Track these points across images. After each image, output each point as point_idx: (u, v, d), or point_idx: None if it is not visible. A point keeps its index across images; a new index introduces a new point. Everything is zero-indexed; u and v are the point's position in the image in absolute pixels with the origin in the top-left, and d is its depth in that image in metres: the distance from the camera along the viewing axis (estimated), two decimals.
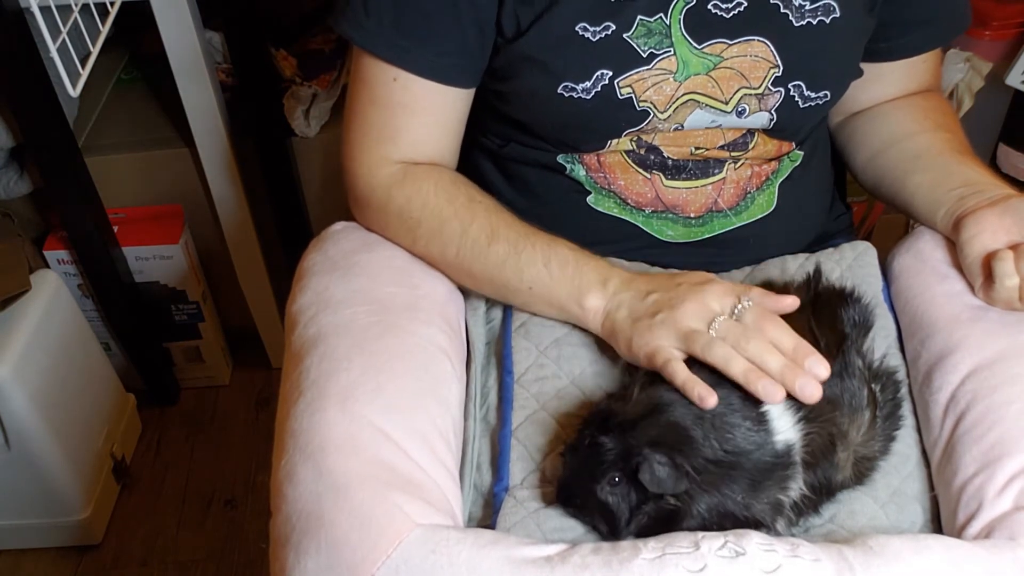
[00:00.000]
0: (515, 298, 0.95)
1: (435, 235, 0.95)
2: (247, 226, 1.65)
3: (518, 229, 0.94)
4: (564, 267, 0.91)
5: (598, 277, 0.91)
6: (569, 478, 0.78)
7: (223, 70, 1.58)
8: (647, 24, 0.91)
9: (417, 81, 0.94)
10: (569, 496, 0.79)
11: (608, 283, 0.90)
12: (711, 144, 0.98)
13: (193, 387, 1.85)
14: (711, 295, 0.84)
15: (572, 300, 0.91)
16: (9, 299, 1.44)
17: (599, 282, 0.91)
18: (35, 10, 1.15)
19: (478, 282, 0.96)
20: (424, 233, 0.96)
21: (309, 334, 0.89)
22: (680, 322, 0.83)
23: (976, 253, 0.91)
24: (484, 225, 0.94)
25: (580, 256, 0.92)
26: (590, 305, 0.90)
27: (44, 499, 1.51)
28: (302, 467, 0.77)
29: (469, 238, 0.94)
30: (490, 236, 0.93)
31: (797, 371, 0.78)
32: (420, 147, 0.98)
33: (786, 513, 0.78)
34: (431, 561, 0.71)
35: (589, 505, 0.77)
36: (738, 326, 0.82)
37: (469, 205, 0.95)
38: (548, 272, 0.92)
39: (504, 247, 0.93)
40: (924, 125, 1.04)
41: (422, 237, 0.96)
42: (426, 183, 0.96)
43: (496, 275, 0.94)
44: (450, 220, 0.94)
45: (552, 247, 0.92)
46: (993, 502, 0.77)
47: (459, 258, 0.95)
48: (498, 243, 0.93)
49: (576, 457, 0.78)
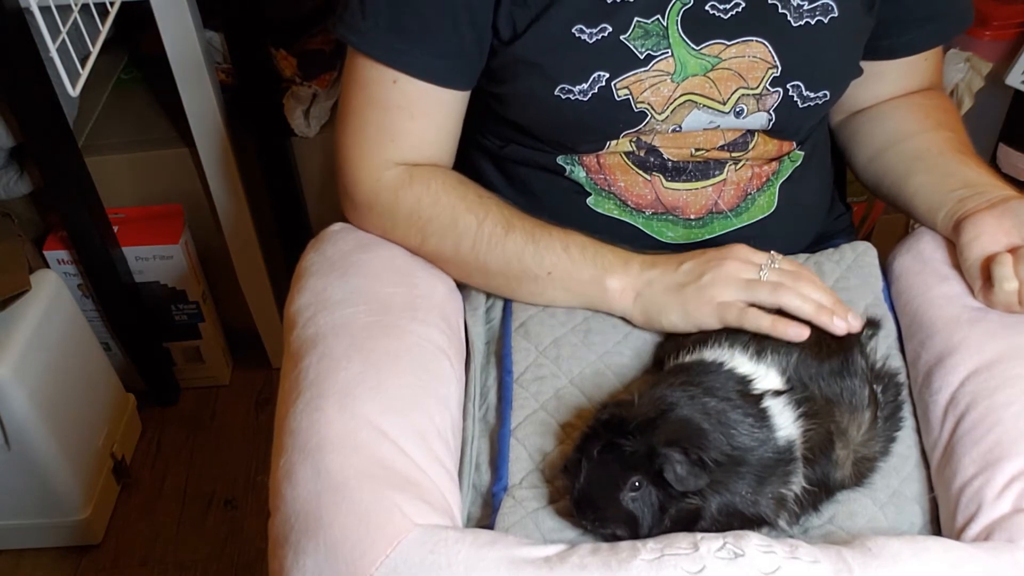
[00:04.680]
0: (530, 286, 0.95)
1: (448, 231, 0.95)
2: (247, 226, 1.65)
3: (531, 220, 0.96)
4: (584, 251, 0.93)
5: (618, 259, 0.93)
6: (587, 488, 0.76)
7: (223, 70, 1.58)
8: (644, 26, 0.91)
9: (415, 83, 0.94)
10: (588, 507, 0.76)
11: (630, 264, 0.92)
12: (711, 145, 0.98)
13: (193, 387, 1.85)
14: (744, 251, 0.90)
15: (594, 282, 0.93)
16: (9, 299, 1.44)
17: (621, 263, 0.93)
18: (35, 10, 1.16)
19: (490, 275, 0.97)
20: (436, 230, 0.96)
21: (308, 334, 0.89)
22: (735, 275, 0.87)
23: (975, 256, 0.91)
24: (499, 218, 0.95)
25: (597, 242, 0.94)
26: (613, 286, 0.92)
27: (44, 499, 1.51)
28: (301, 466, 0.77)
29: (485, 231, 0.94)
30: (506, 227, 0.94)
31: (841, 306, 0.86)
32: (420, 149, 0.98)
33: (789, 507, 0.78)
34: (430, 561, 0.71)
35: (610, 514, 0.75)
36: (784, 273, 0.87)
37: (480, 201, 0.96)
38: (568, 256, 0.93)
39: (521, 236, 0.94)
40: (925, 125, 1.04)
41: (434, 234, 0.96)
42: (433, 182, 0.97)
43: (514, 264, 0.94)
44: (464, 215, 0.95)
45: (569, 234, 0.94)
46: (992, 504, 0.77)
47: (474, 251, 0.95)
48: (515, 233, 0.94)
49: (592, 465, 0.76)
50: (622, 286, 0.92)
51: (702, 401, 0.77)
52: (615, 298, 0.93)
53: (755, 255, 0.89)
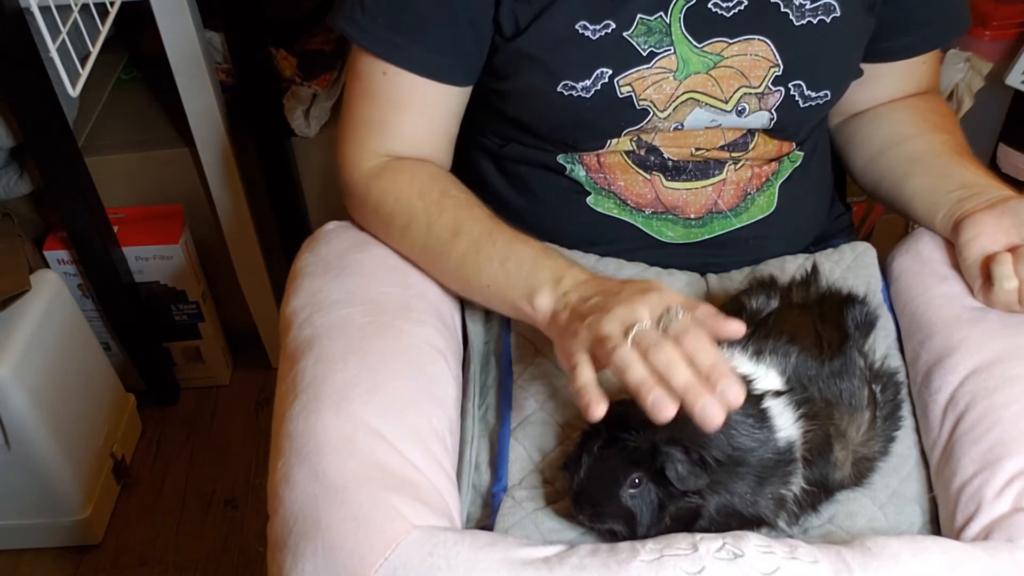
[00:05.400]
0: (478, 296, 0.93)
1: (405, 230, 0.95)
2: (247, 226, 1.65)
3: (483, 225, 0.91)
4: (520, 265, 0.88)
5: (551, 276, 0.86)
6: (586, 483, 0.76)
7: (223, 70, 1.58)
8: (647, 22, 0.91)
9: (406, 76, 0.94)
10: (587, 502, 0.77)
11: (561, 282, 0.85)
12: (711, 144, 0.98)
13: (193, 387, 1.85)
14: (643, 303, 0.77)
15: (524, 299, 0.87)
16: (9, 299, 1.44)
17: (552, 281, 0.86)
18: (35, 10, 1.15)
19: (446, 279, 0.96)
20: (396, 227, 0.95)
21: (304, 336, 0.89)
22: (600, 327, 0.76)
23: (974, 256, 0.91)
24: (449, 221, 0.92)
25: (539, 255, 0.88)
26: (540, 305, 0.85)
27: (44, 499, 1.51)
28: (298, 469, 0.77)
29: (433, 234, 0.93)
30: (453, 232, 0.92)
31: (703, 390, 0.69)
32: (408, 143, 0.98)
33: (788, 507, 0.78)
34: (429, 563, 0.71)
35: (609, 510, 0.76)
36: (655, 335, 0.74)
37: (440, 200, 0.94)
38: (504, 270, 0.88)
39: (465, 244, 0.91)
40: (923, 127, 1.04)
41: (395, 231, 0.96)
42: (402, 176, 0.96)
43: (458, 273, 0.92)
44: (418, 215, 0.94)
45: (512, 245, 0.89)
46: (992, 503, 0.77)
47: (424, 254, 0.94)
48: (460, 240, 0.91)
49: (592, 461, 0.76)
50: (545, 306, 0.85)
51: None
52: (539, 317, 0.86)
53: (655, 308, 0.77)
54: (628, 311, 0.76)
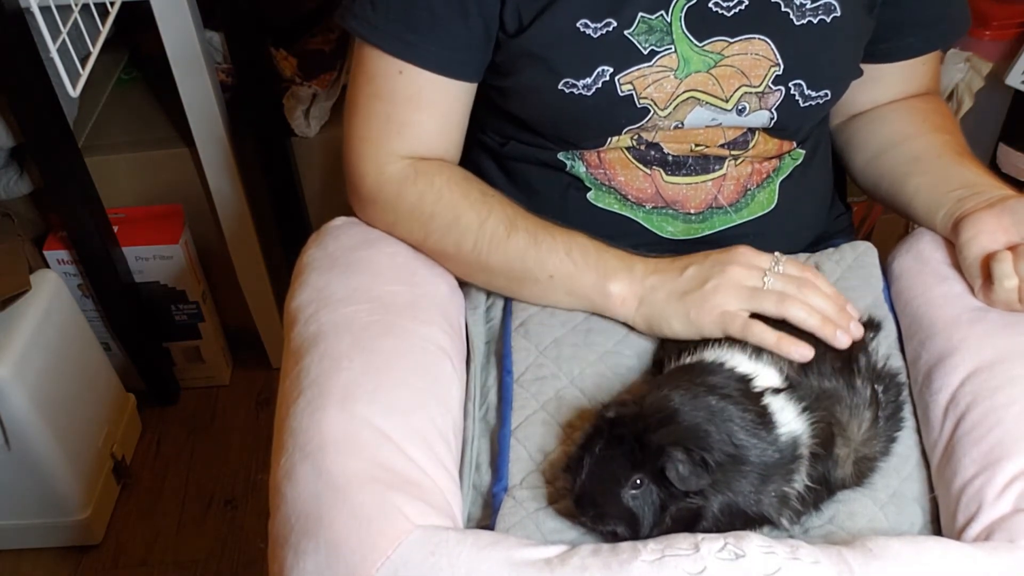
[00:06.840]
0: (532, 288, 0.95)
1: (450, 228, 0.95)
2: (247, 226, 1.65)
3: (535, 220, 0.95)
4: (586, 255, 0.92)
5: (622, 264, 0.91)
6: (588, 484, 0.76)
7: (223, 70, 1.58)
8: (648, 21, 0.91)
9: (423, 74, 0.94)
10: (589, 504, 0.77)
11: (634, 269, 0.91)
12: (711, 142, 0.98)
13: (193, 387, 1.85)
14: (748, 254, 0.88)
15: (596, 288, 0.92)
16: (9, 299, 1.44)
17: (624, 268, 0.91)
18: (35, 10, 1.16)
19: (492, 275, 0.96)
20: (438, 227, 0.96)
21: (309, 332, 0.89)
22: (739, 282, 0.86)
23: (975, 255, 0.91)
24: (502, 217, 0.94)
25: (600, 245, 0.93)
26: (615, 291, 0.91)
27: (44, 499, 1.51)
28: (301, 467, 0.77)
29: (487, 230, 0.94)
30: (509, 227, 0.93)
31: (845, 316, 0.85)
32: (426, 142, 0.98)
33: (791, 505, 0.78)
34: (430, 563, 0.71)
35: (611, 511, 0.75)
36: (789, 279, 0.86)
37: (483, 199, 0.95)
38: (571, 260, 0.92)
39: (524, 237, 0.93)
40: (922, 128, 1.04)
41: (436, 231, 0.96)
42: (438, 178, 0.96)
43: (516, 265, 0.93)
44: (466, 213, 0.94)
45: (572, 236, 0.93)
46: (993, 504, 0.77)
47: (476, 250, 0.95)
48: (517, 233, 0.93)
49: (594, 462, 0.76)
50: (624, 292, 0.91)
51: (705, 400, 0.77)
52: (617, 304, 0.92)
53: (759, 258, 0.88)
54: (746, 266, 0.87)
